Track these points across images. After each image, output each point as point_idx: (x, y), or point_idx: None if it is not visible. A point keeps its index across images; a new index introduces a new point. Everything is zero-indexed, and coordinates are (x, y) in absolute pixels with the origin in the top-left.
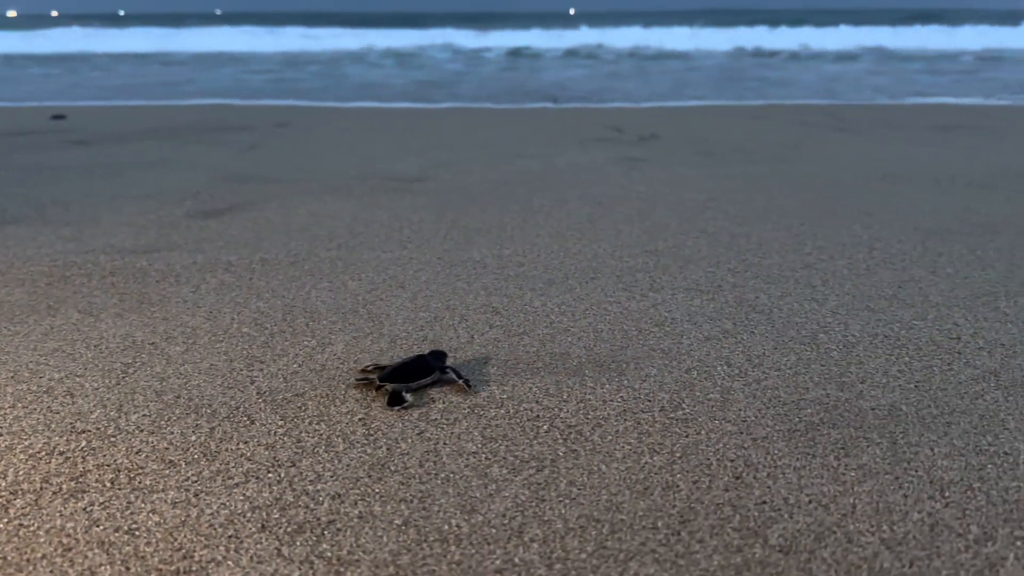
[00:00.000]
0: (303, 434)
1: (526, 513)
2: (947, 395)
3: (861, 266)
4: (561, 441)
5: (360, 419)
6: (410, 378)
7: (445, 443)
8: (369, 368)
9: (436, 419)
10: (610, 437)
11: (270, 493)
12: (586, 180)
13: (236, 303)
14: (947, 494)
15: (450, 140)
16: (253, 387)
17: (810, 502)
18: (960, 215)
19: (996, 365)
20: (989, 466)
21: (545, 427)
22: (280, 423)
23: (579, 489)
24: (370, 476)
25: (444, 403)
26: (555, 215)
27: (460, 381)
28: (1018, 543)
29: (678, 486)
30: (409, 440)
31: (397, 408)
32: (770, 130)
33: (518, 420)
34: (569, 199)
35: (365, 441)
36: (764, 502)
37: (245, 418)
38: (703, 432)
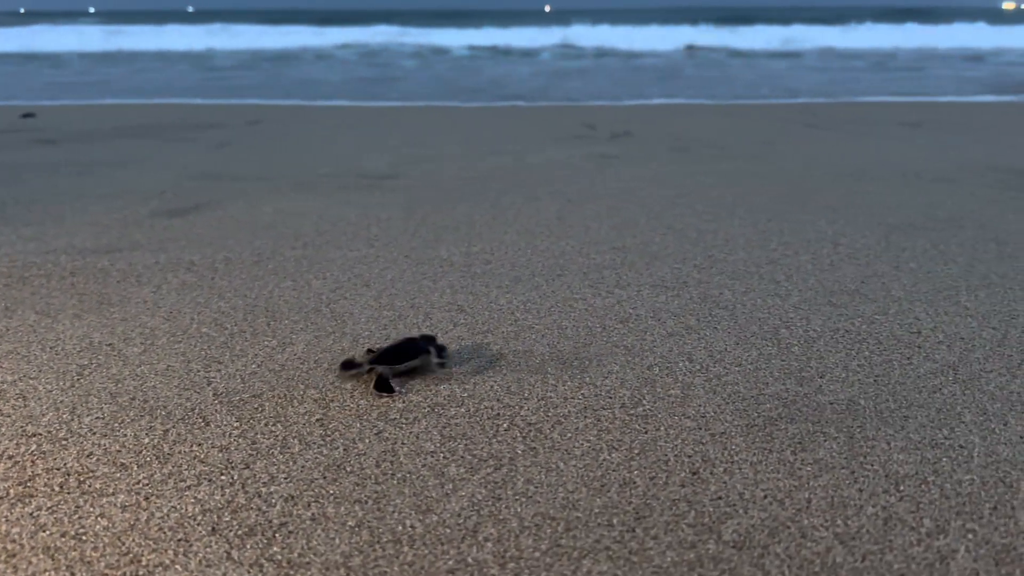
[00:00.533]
0: (258, 435)
1: (481, 512)
2: (905, 389)
3: (825, 261)
4: (520, 439)
5: (318, 420)
6: (400, 360)
7: (403, 443)
8: (371, 351)
9: (395, 419)
10: (570, 434)
11: (222, 496)
12: (558, 177)
13: (197, 303)
14: (901, 488)
15: (424, 137)
16: (210, 388)
17: (765, 497)
18: (924, 210)
19: (955, 359)
20: (944, 459)
21: (505, 425)
22: (236, 424)
23: (536, 487)
24: (325, 477)
25: (404, 402)
26: (525, 212)
27: (438, 361)
28: (969, 536)
29: (635, 482)
30: (367, 440)
31: (384, 395)
32: (744, 127)
33: (478, 419)
34: (540, 196)
35: (322, 442)
36: (720, 498)
37: (200, 420)
38: (662, 428)
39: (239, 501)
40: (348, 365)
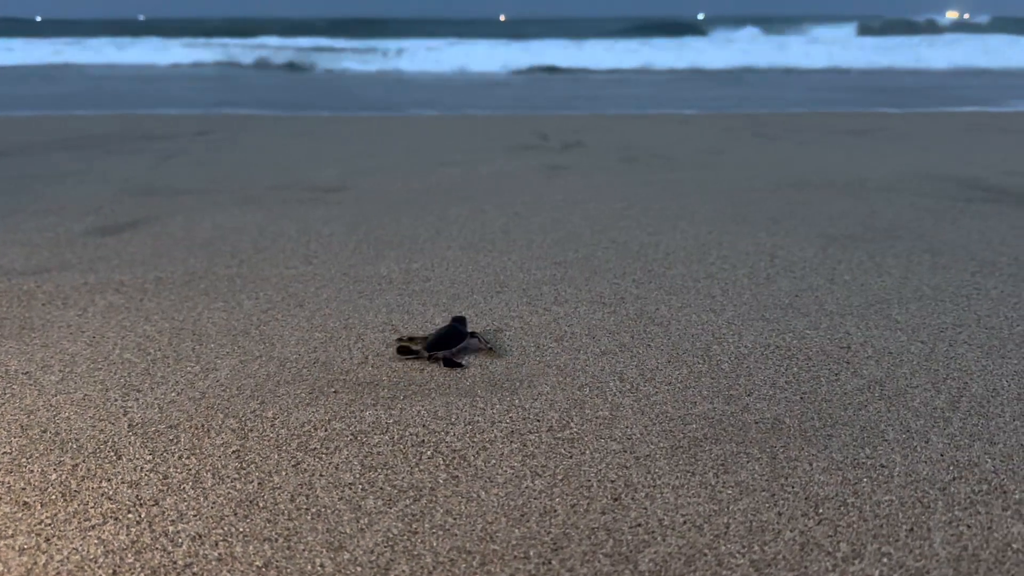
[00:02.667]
0: (171, 469)
1: (396, 548)
2: (831, 406)
3: (761, 275)
4: (443, 467)
5: (234, 451)
6: (451, 345)
7: (321, 474)
8: (404, 340)
9: (315, 448)
10: (494, 461)
11: (127, 535)
12: (506, 188)
13: (122, 327)
14: (821, 511)
15: (375, 148)
16: (125, 419)
17: (684, 523)
18: (863, 220)
19: (882, 374)
20: (864, 480)
21: (429, 453)
22: (148, 458)
23: (455, 519)
24: (236, 514)
25: (327, 431)
26: (470, 226)
27: (486, 347)
28: (884, 560)
29: (555, 511)
30: (283, 472)
31: (456, 368)
32: (694, 137)
33: (401, 446)
34: (486, 208)
35: (236, 476)
36: (639, 524)
37: (112, 453)
38: (587, 452)
39: (144, 541)
40: (405, 351)
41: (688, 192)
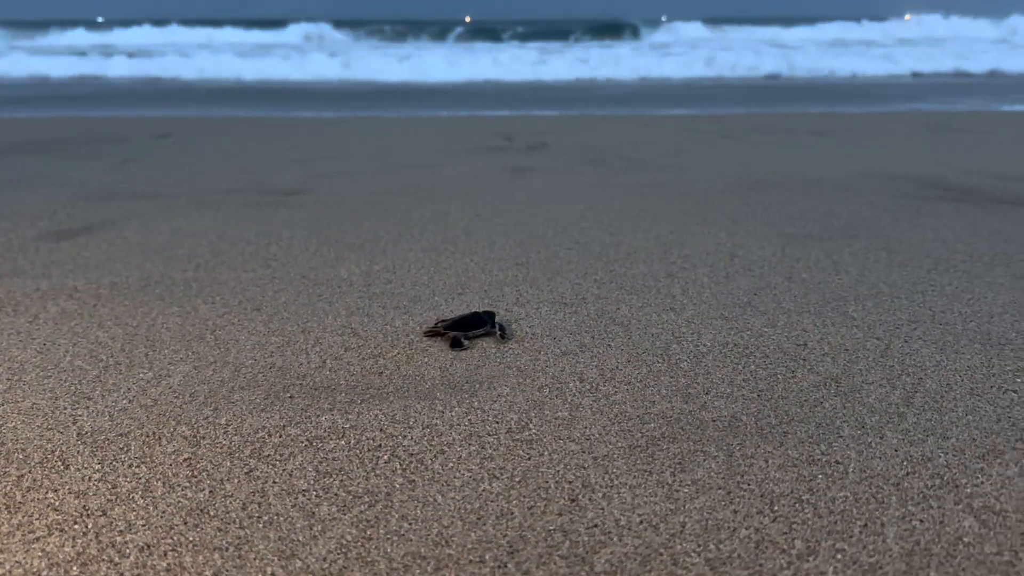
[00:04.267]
0: (120, 478)
1: (349, 555)
2: (787, 403)
3: (721, 274)
4: (400, 472)
5: (185, 459)
6: (467, 328)
7: (274, 481)
8: (436, 325)
9: (269, 455)
10: (451, 464)
11: (73, 547)
12: (470, 190)
13: (74, 333)
14: (776, 508)
15: (338, 149)
16: (75, 427)
17: (641, 523)
18: (822, 219)
19: (838, 371)
20: (819, 476)
21: (385, 457)
22: (97, 467)
23: (410, 524)
24: (186, 523)
25: (281, 437)
26: (432, 228)
27: (498, 333)
28: (838, 556)
29: (512, 513)
30: (235, 480)
31: (457, 350)
32: (657, 138)
33: (357, 451)
34: (450, 211)
35: (187, 484)
36: (595, 525)
37: (59, 463)
38: (546, 453)
39: (91, 552)
40: (432, 333)
41: (650, 193)
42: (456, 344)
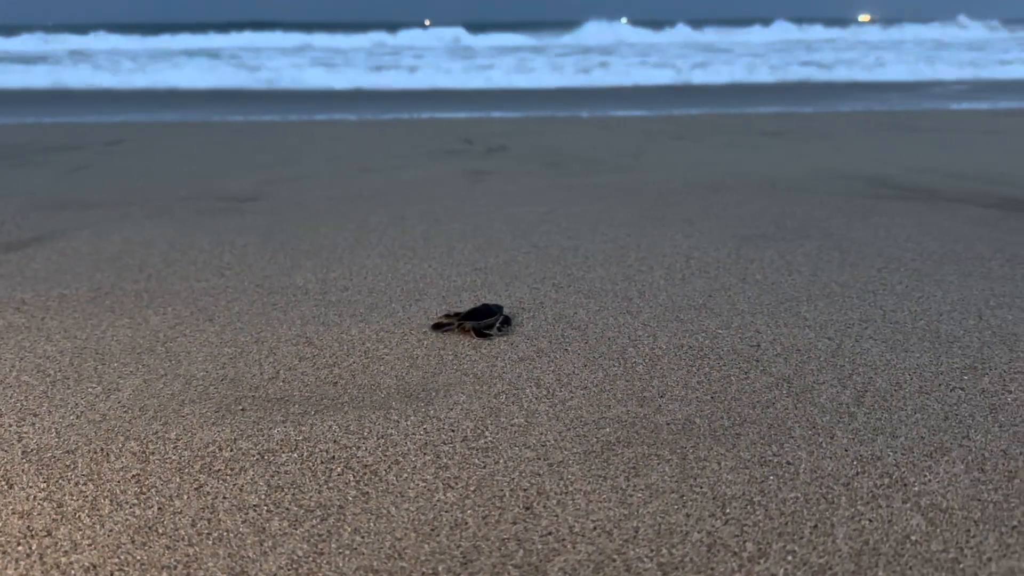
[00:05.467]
0: (66, 497)
1: (300, 571)
2: (740, 405)
3: (677, 276)
4: (353, 484)
5: (134, 476)
6: (480, 319)
7: (225, 497)
8: (449, 315)
9: (220, 470)
10: (406, 475)
11: (15, 570)
12: (428, 195)
13: (21, 347)
14: (728, 510)
15: (295, 154)
16: (20, 445)
17: (595, 529)
18: (776, 220)
19: (790, 371)
20: (771, 478)
21: (339, 469)
22: (42, 486)
23: (363, 537)
24: (133, 542)
25: (232, 451)
26: (390, 233)
27: (497, 328)
28: (789, 558)
29: (467, 523)
30: (185, 497)
31: (485, 337)
32: (615, 140)
33: (310, 464)
34: (408, 216)
35: (135, 501)
36: (550, 533)
37: (3, 482)
38: (501, 461)
39: (34, 574)
40: (439, 326)
41: (608, 195)
42: (481, 333)
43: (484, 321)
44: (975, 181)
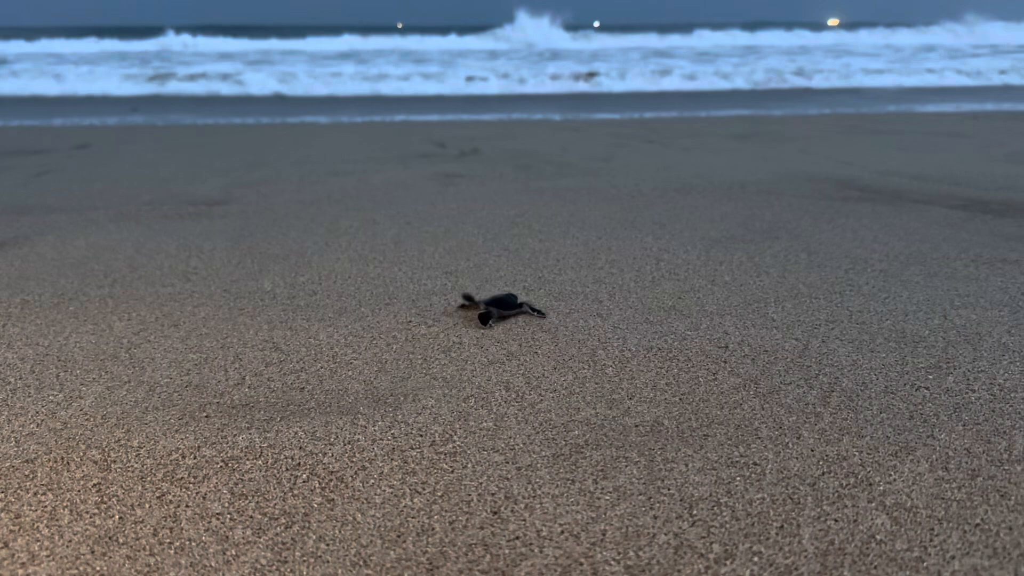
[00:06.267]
0: (25, 507)
1: None
2: (708, 406)
3: (647, 278)
4: (319, 490)
5: (95, 485)
6: (502, 306)
7: (187, 505)
8: (468, 298)
9: (183, 478)
10: (372, 481)
11: None
12: (400, 198)
13: None
14: (695, 512)
15: (265, 157)
16: None
17: (562, 532)
18: (744, 222)
19: (757, 372)
20: (738, 478)
21: (304, 476)
22: (0, 497)
23: (328, 545)
24: (93, 552)
25: (196, 458)
26: (360, 237)
27: (535, 313)
28: (755, 559)
29: (433, 529)
30: (146, 505)
31: (485, 326)
32: (586, 143)
33: (275, 471)
34: (378, 219)
35: (96, 511)
36: (517, 537)
37: None
38: (469, 465)
39: None
40: (467, 299)
41: (579, 198)
42: (484, 320)
43: (496, 310)
44: (940, 183)
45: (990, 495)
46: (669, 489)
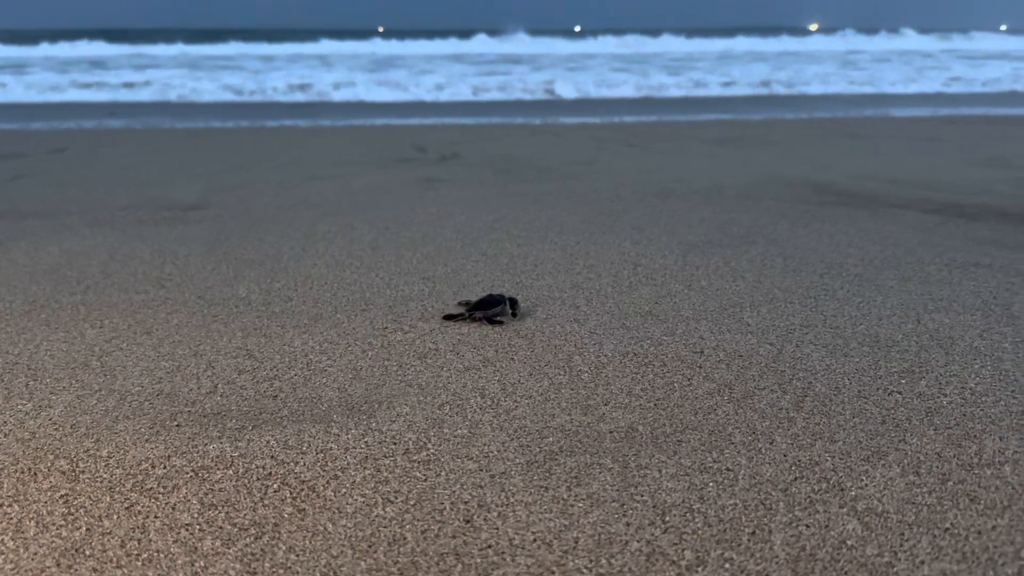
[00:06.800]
0: None
1: None
2: (683, 411)
3: (624, 283)
4: (289, 500)
5: (62, 496)
6: (488, 308)
7: (156, 516)
8: (461, 304)
9: (152, 488)
10: (344, 490)
11: None
12: (379, 203)
13: None
14: (667, 518)
15: (243, 161)
16: None
17: (535, 541)
18: (722, 227)
19: (732, 377)
20: (711, 484)
21: (275, 486)
22: None
23: (298, 555)
24: (59, 565)
25: (166, 468)
26: (338, 242)
27: (511, 312)
28: (726, 565)
29: (405, 538)
30: (115, 517)
31: (496, 325)
32: (566, 147)
33: (246, 481)
34: (357, 224)
35: (63, 522)
36: (489, 546)
37: None
38: (443, 473)
39: None
40: (450, 317)
41: (559, 202)
42: (493, 322)
43: (492, 311)
44: (916, 187)
45: (960, 499)
46: (642, 495)
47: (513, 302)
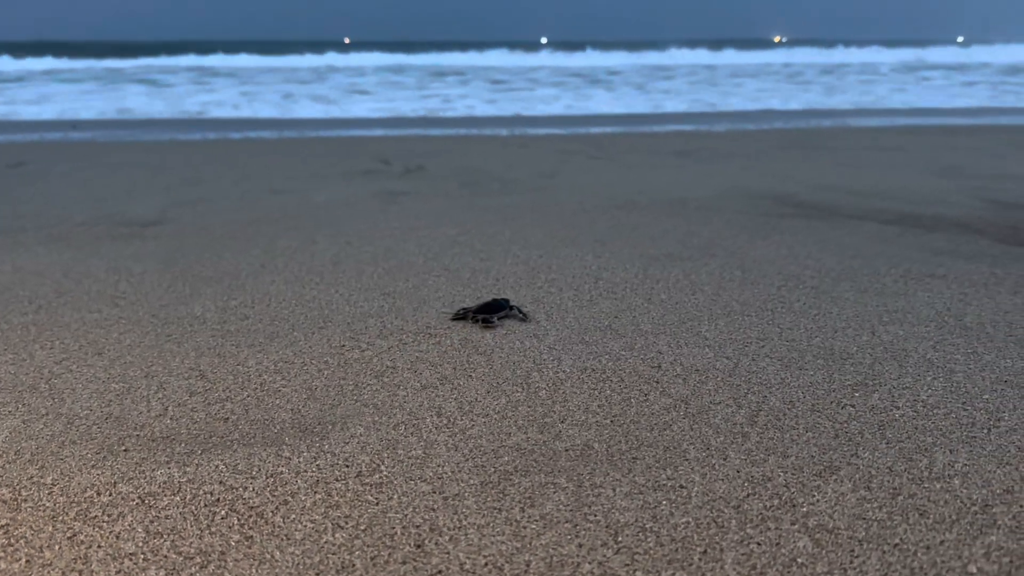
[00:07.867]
0: None
1: None
2: (639, 428)
3: (585, 297)
4: (237, 528)
5: (3, 526)
6: (491, 312)
7: (99, 546)
8: (461, 311)
9: (96, 516)
10: (294, 516)
11: None
12: (341, 217)
13: None
14: (620, 539)
15: (204, 174)
16: None
17: (486, 565)
18: (683, 239)
19: (688, 392)
20: (664, 502)
21: (223, 513)
22: None
23: None
24: None
25: (111, 495)
26: (298, 258)
27: (520, 316)
28: None
29: (354, 565)
30: (56, 547)
31: (489, 327)
32: (532, 159)
33: (193, 508)
34: (318, 239)
35: (2, 554)
36: (439, 572)
37: None
38: (395, 496)
39: None
40: (457, 316)
41: (522, 216)
42: (488, 324)
43: (491, 314)
44: (875, 197)
45: (910, 514)
46: (596, 515)
47: (516, 308)
